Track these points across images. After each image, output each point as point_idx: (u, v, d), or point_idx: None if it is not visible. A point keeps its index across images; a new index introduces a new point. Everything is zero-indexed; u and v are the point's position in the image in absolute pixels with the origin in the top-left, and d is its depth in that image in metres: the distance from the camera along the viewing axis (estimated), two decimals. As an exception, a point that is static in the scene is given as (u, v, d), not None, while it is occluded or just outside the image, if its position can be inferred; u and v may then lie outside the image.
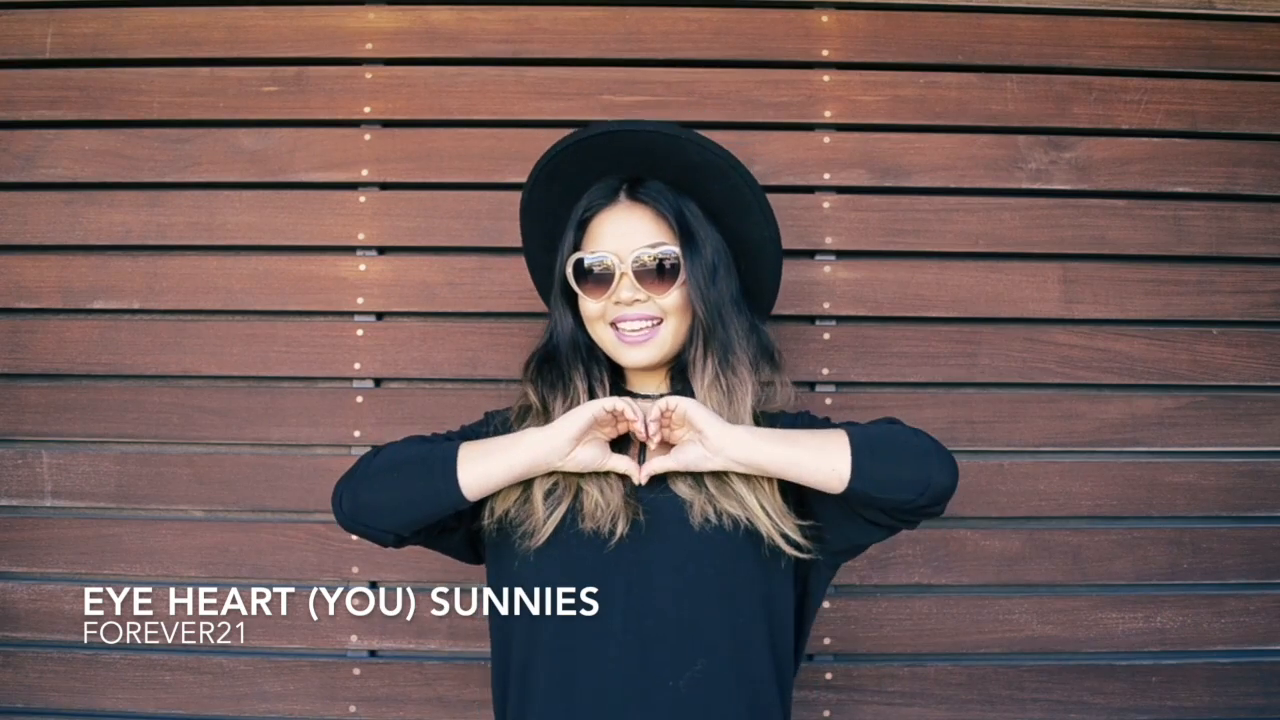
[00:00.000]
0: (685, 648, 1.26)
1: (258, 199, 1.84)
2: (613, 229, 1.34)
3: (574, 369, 1.38)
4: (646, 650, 1.26)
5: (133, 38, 1.85)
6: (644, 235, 1.33)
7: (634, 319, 1.33)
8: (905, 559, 1.81)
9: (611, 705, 1.25)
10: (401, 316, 1.85)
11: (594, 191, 1.39)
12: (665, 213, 1.34)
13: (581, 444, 1.26)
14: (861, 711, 1.80)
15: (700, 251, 1.33)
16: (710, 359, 1.34)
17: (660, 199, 1.35)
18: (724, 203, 1.38)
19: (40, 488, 1.82)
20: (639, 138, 1.34)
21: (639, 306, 1.32)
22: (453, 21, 1.85)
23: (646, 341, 1.33)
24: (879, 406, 1.82)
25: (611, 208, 1.37)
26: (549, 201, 1.42)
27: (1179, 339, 1.85)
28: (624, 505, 1.28)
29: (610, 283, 1.32)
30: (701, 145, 1.35)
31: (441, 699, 1.79)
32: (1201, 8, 1.87)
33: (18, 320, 1.85)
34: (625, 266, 1.31)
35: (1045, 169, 1.85)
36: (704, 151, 1.35)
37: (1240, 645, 1.82)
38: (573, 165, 1.38)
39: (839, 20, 1.86)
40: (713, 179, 1.36)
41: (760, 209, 1.39)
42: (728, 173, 1.36)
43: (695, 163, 1.35)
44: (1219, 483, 1.84)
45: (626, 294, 1.31)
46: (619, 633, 1.26)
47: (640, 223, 1.34)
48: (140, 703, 1.80)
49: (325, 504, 1.79)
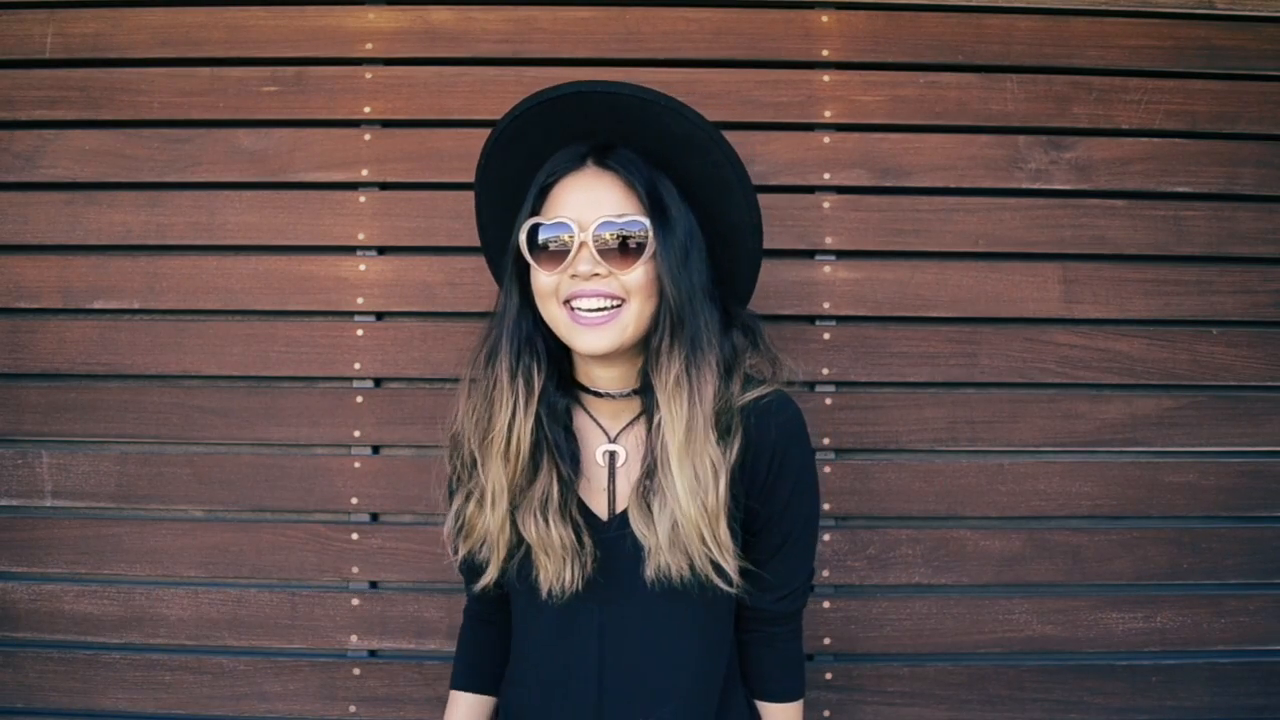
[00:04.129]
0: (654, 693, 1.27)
1: (258, 199, 1.84)
2: (575, 196, 1.21)
3: (505, 355, 1.25)
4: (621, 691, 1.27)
5: (133, 38, 1.85)
6: (609, 205, 1.21)
7: (591, 295, 1.19)
8: (905, 559, 1.81)
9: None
10: (401, 316, 1.85)
11: (558, 157, 1.25)
12: (635, 183, 1.22)
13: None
14: (861, 711, 1.80)
15: (673, 229, 1.21)
16: (677, 352, 1.21)
17: (630, 167, 1.22)
18: (702, 181, 1.26)
19: (40, 488, 1.82)
20: (613, 99, 1.22)
21: (598, 282, 1.19)
22: (453, 21, 1.85)
23: (605, 324, 1.19)
24: (879, 406, 1.82)
25: (576, 173, 1.23)
26: (508, 168, 1.30)
27: (1179, 339, 1.85)
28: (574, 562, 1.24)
29: (567, 254, 1.19)
30: (682, 114, 1.22)
31: (441, 699, 1.78)
32: (1201, 8, 1.87)
33: (18, 320, 1.85)
34: (586, 236, 1.18)
35: (1045, 169, 1.85)
36: (684, 122, 1.22)
37: (1240, 645, 1.82)
38: (537, 129, 1.26)
39: (839, 20, 1.86)
40: (692, 154, 1.24)
41: (742, 190, 1.27)
42: (709, 148, 1.24)
43: (674, 134, 1.23)
44: (1219, 483, 1.84)
45: (585, 267, 1.18)
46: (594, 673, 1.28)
47: (607, 191, 1.21)
48: (140, 703, 1.80)
49: (325, 504, 1.82)
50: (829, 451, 1.82)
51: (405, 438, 1.82)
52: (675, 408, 1.20)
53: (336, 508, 1.81)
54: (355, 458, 1.82)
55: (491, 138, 1.29)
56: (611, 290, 1.20)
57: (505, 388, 1.25)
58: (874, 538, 1.82)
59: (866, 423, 1.82)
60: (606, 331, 1.20)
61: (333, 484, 1.82)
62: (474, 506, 1.28)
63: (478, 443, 1.28)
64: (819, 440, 1.81)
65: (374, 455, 1.82)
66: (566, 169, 1.24)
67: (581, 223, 1.20)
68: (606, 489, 1.29)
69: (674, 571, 1.21)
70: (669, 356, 1.21)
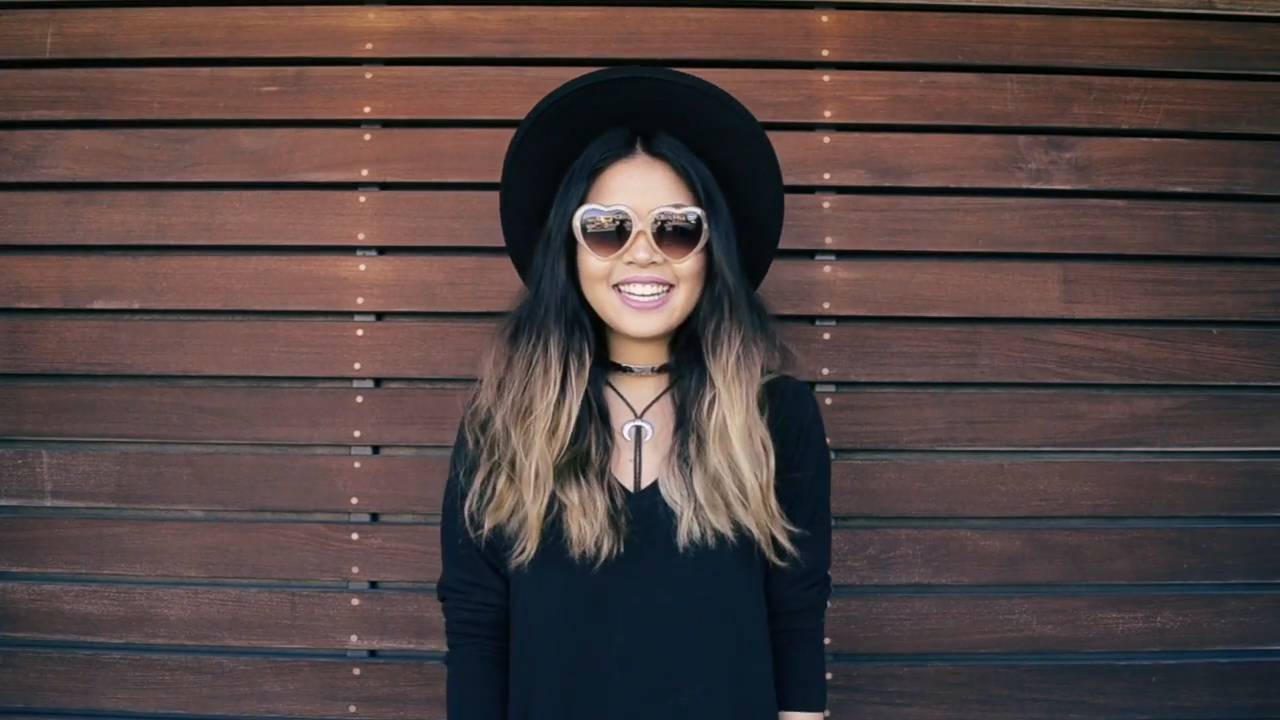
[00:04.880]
0: (683, 668, 1.23)
1: (258, 199, 1.84)
2: (630, 183, 1.23)
3: (552, 332, 1.25)
4: (646, 671, 1.23)
5: (133, 38, 1.85)
6: (665, 194, 1.23)
7: (646, 282, 1.22)
8: (905, 559, 1.81)
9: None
10: (401, 316, 1.85)
11: (606, 140, 1.26)
12: (689, 172, 1.24)
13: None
14: (861, 711, 1.80)
15: (721, 217, 1.25)
16: (735, 335, 1.24)
17: (683, 157, 1.25)
18: (736, 171, 1.29)
19: (40, 488, 1.82)
20: (662, 87, 1.24)
21: (652, 269, 1.22)
22: (453, 21, 1.85)
23: (657, 309, 1.23)
24: (879, 406, 1.82)
25: (628, 160, 1.25)
26: (545, 146, 1.30)
27: (1179, 339, 1.85)
28: (609, 526, 1.22)
29: (623, 241, 1.22)
30: (728, 106, 1.25)
31: (441, 699, 1.77)
32: (1201, 8, 1.87)
33: (18, 320, 1.85)
34: (644, 225, 1.21)
35: (1045, 169, 1.85)
36: (728, 114, 1.26)
37: (1240, 645, 1.82)
38: (581, 110, 1.26)
39: (839, 20, 1.86)
40: (732, 145, 1.27)
41: (773, 182, 1.31)
42: (749, 141, 1.28)
43: (716, 125, 1.26)
44: (1219, 483, 1.84)
45: (643, 255, 1.21)
46: (619, 653, 1.23)
47: (661, 180, 1.24)
48: (140, 703, 1.80)
49: (325, 504, 1.82)
50: (829, 451, 1.82)
51: (405, 438, 1.82)
52: (735, 389, 1.23)
53: (336, 508, 1.81)
54: (355, 458, 1.82)
55: (533, 114, 1.28)
56: (664, 277, 1.23)
57: (555, 365, 1.24)
58: (874, 538, 1.82)
59: (866, 423, 1.82)
60: (657, 315, 1.23)
61: (333, 484, 1.82)
62: (504, 479, 1.25)
63: (516, 421, 1.25)
64: (819, 440, 1.82)
65: (374, 455, 1.82)
66: (617, 154, 1.26)
67: (639, 211, 1.22)
68: (633, 461, 1.29)
69: (709, 536, 1.21)
70: (728, 338, 1.24)
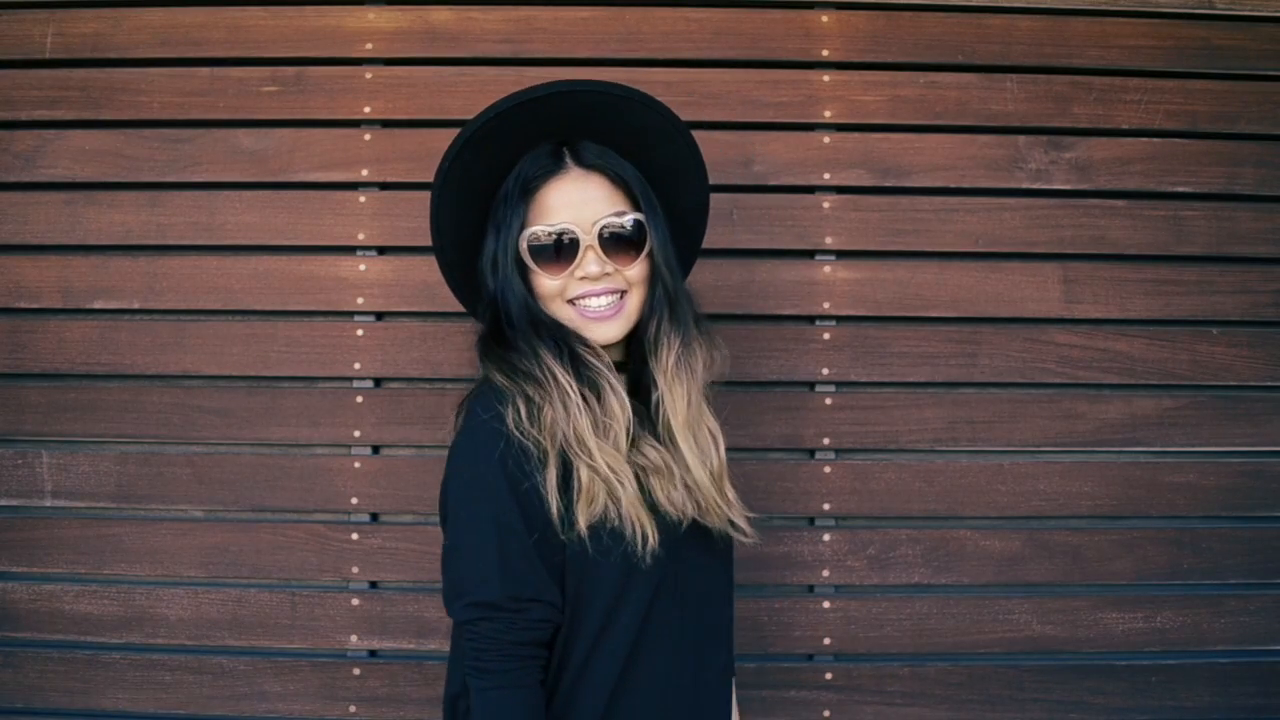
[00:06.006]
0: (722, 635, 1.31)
1: (258, 199, 1.84)
2: (568, 198, 1.22)
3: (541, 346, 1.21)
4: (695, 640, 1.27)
5: (133, 38, 1.85)
6: (604, 204, 1.23)
7: (601, 294, 1.23)
8: (905, 559, 1.81)
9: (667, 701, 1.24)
10: (401, 316, 1.85)
11: (533, 159, 1.25)
12: (623, 179, 1.25)
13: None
14: (861, 711, 1.80)
15: (659, 219, 1.26)
16: (675, 335, 1.26)
17: (614, 164, 1.25)
18: (664, 168, 1.30)
19: (40, 488, 1.82)
20: (583, 98, 1.23)
21: (605, 281, 1.22)
22: (453, 21, 1.85)
23: (615, 316, 1.24)
24: (879, 406, 1.82)
25: (561, 176, 1.24)
26: (475, 170, 1.27)
27: (1179, 339, 1.85)
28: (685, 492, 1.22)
29: (572, 258, 1.21)
30: (649, 106, 1.26)
31: (441, 699, 1.79)
32: (1201, 8, 1.87)
33: (18, 320, 1.84)
34: (590, 239, 1.21)
35: (1045, 169, 1.85)
36: (650, 113, 1.26)
37: (1240, 645, 1.82)
38: (507, 129, 1.24)
39: (839, 20, 1.86)
40: (657, 143, 1.28)
41: (698, 174, 1.32)
42: (674, 136, 1.28)
43: (639, 126, 1.26)
44: (1219, 483, 1.84)
45: (594, 268, 1.21)
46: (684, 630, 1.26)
47: (597, 190, 1.24)
48: (140, 703, 1.80)
49: (325, 504, 1.82)
50: (829, 451, 1.82)
51: (405, 438, 1.82)
52: (677, 388, 1.24)
53: (336, 508, 1.81)
54: (355, 458, 1.82)
55: (462, 137, 1.25)
56: (616, 285, 1.24)
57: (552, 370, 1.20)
58: (874, 538, 1.82)
59: (866, 423, 1.82)
60: (616, 322, 1.25)
61: (333, 484, 1.82)
62: (586, 470, 1.17)
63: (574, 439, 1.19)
64: (819, 440, 1.82)
65: (374, 455, 1.82)
66: (549, 171, 1.24)
67: (581, 225, 1.21)
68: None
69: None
70: (667, 339, 1.26)
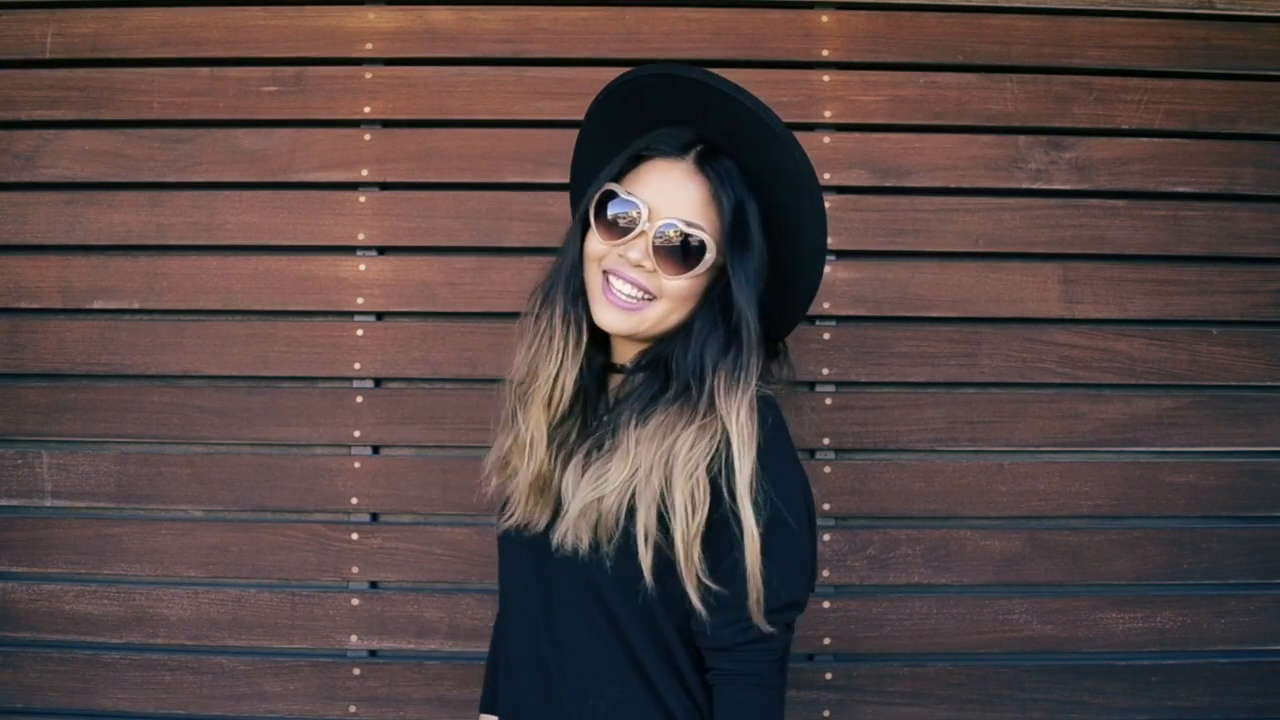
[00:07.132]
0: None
1: (258, 199, 1.84)
2: (661, 183, 1.20)
3: (557, 304, 1.24)
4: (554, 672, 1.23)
5: (133, 38, 1.85)
6: (688, 207, 1.19)
7: (629, 280, 1.19)
8: (905, 559, 1.81)
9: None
10: (401, 316, 1.85)
11: (665, 134, 1.23)
12: (723, 199, 1.19)
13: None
14: (861, 711, 1.80)
15: (750, 255, 1.20)
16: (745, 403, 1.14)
17: (726, 182, 1.19)
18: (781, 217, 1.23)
19: (40, 488, 1.82)
20: (737, 108, 1.18)
21: (640, 273, 1.19)
22: (453, 21, 1.85)
23: (629, 311, 1.20)
24: (879, 406, 1.82)
25: (673, 161, 1.21)
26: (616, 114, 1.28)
27: (1179, 339, 1.85)
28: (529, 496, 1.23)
29: (625, 235, 1.19)
30: (793, 155, 1.19)
31: (441, 699, 1.79)
32: (1201, 8, 1.86)
33: (18, 320, 1.85)
34: (650, 227, 1.18)
35: (1045, 169, 1.85)
36: (791, 160, 1.19)
37: (1240, 645, 1.82)
38: (655, 96, 1.23)
39: (839, 20, 1.86)
40: (785, 189, 1.21)
41: (815, 235, 1.23)
42: (801, 191, 1.21)
43: (776, 164, 1.20)
44: (1219, 483, 1.84)
45: (635, 254, 1.18)
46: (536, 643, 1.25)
47: (693, 194, 1.19)
48: (140, 703, 1.80)
49: (325, 504, 1.82)
50: (829, 451, 1.82)
51: (405, 438, 1.82)
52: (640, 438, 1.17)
53: (336, 508, 1.81)
54: (355, 458, 1.82)
55: (617, 81, 1.26)
56: (648, 285, 1.20)
57: (557, 335, 1.24)
58: (874, 538, 1.82)
59: (866, 423, 1.82)
60: (627, 317, 1.20)
61: (333, 484, 1.82)
62: (513, 442, 1.28)
63: (517, 389, 1.27)
64: (819, 440, 1.82)
65: (374, 455, 1.82)
66: (666, 151, 1.22)
67: (653, 211, 1.19)
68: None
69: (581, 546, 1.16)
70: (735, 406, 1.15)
